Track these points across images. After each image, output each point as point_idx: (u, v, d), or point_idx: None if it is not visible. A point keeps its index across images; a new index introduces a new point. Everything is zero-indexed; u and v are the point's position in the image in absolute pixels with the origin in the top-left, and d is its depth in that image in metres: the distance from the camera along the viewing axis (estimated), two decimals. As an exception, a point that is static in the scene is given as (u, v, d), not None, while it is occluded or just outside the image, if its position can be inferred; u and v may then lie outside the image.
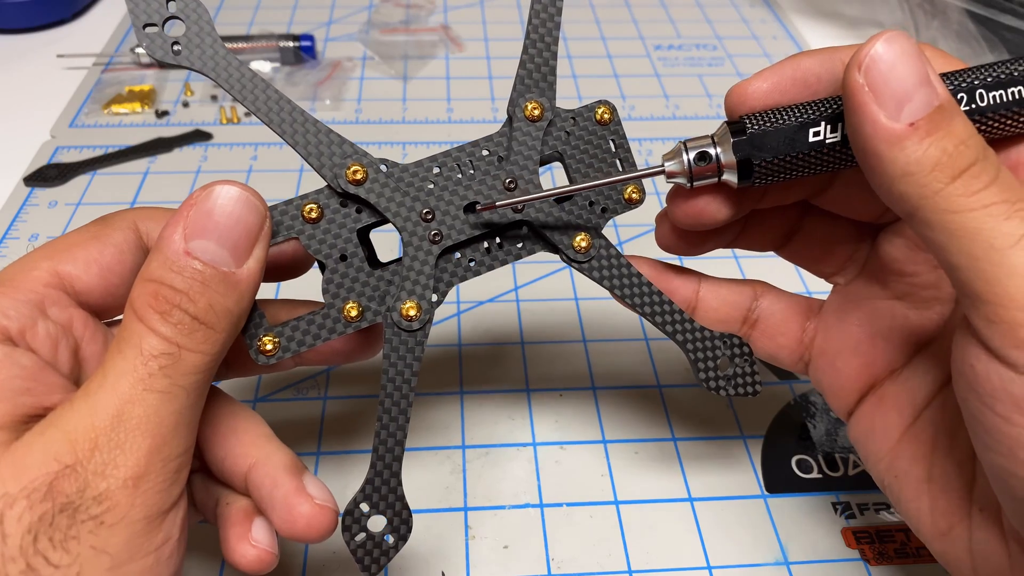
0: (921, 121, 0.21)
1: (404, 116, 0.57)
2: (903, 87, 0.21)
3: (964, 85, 0.23)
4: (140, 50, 0.59)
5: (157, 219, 0.26)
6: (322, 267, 0.26)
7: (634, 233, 0.48)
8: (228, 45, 0.25)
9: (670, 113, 0.58)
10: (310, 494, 0.24)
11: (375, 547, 0.26)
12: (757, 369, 0.29)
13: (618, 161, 0.28)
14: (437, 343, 0.41)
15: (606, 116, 0.28)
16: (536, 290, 0.44)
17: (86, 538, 0.20)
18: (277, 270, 0.29)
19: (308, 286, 0.30)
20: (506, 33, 0.67)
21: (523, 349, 0.40)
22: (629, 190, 0.28)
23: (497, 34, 0.67)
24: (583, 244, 0.28)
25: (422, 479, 0.35)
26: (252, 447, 0.25)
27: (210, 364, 0.22)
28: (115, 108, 0.56)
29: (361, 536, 0.25)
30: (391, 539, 0.26)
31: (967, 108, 0.23)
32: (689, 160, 0.25)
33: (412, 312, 0.26)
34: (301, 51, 0.60)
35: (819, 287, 0.44)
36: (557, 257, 0.28)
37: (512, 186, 0.27)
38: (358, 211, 0.26)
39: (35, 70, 0.60)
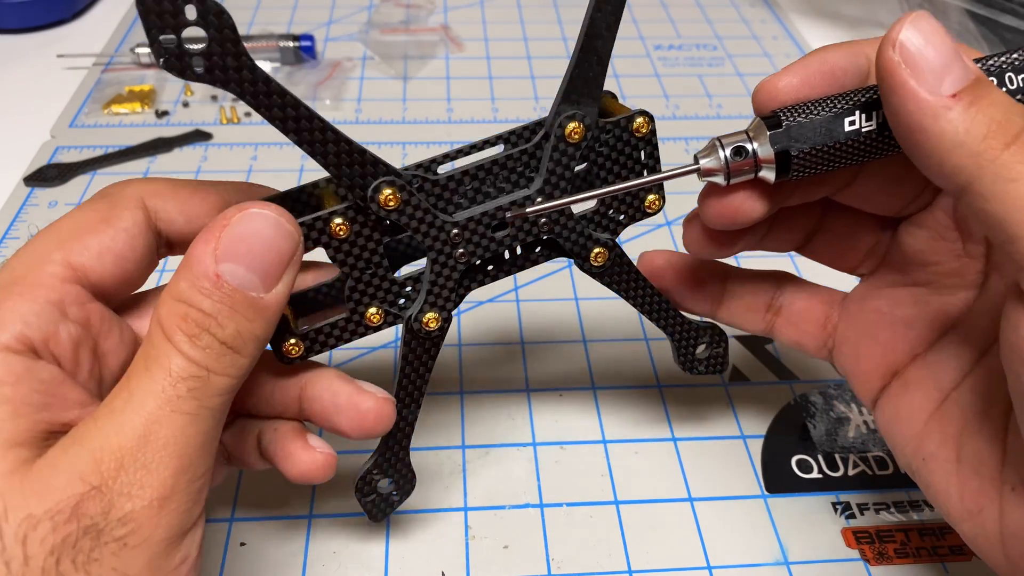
0: (963, 91, 0.20)
1: (404, 116, 0.57)
2: (940, 60, 0.21)
3: (993, 68, 0.23)
4: (140, 50, 0.59)
5: (165, 195, 0.25)
6: (345, 274, 0.26)
7: (641, 230, 0.48)
8: None
9: (670, 113, 0.58)
10: (370, 391, 0.27)
11: (382, 501, 0.31)
12: (727, 352, 0.33)
13: (646, 171, 0.28)
14: (437, 343, 0.41)
15: (643, 129, 0.27)
16: (536, 290, 0.44)
17: (108, 560, 0.20)
18: None
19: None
20: (506, 33, 0.67)
21: (523, 349, 0.40)
22: (651, 198, 0.28)
23: (497, 34, 0.67)
24: (599, 259, 0.28)
25: (422, 479, 0.34)
26: (300, 369, 0.27)
27: (235, 386, 0.22)
28: (115, 108, 0.56)
29: (372, 496, 0.30)
30: (396, 496, 0.31)
31: None
32: (726, 156, 0.24)
33: (433, 324, 0.27)
34: (301, 51, 0.60)
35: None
36: (557, 257, 0.29)
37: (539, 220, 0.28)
38: (385, 226, 0.26)
39: (35, 70, 0.60)
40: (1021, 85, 0.23)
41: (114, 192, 0.25)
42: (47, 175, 0.50)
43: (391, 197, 0.24)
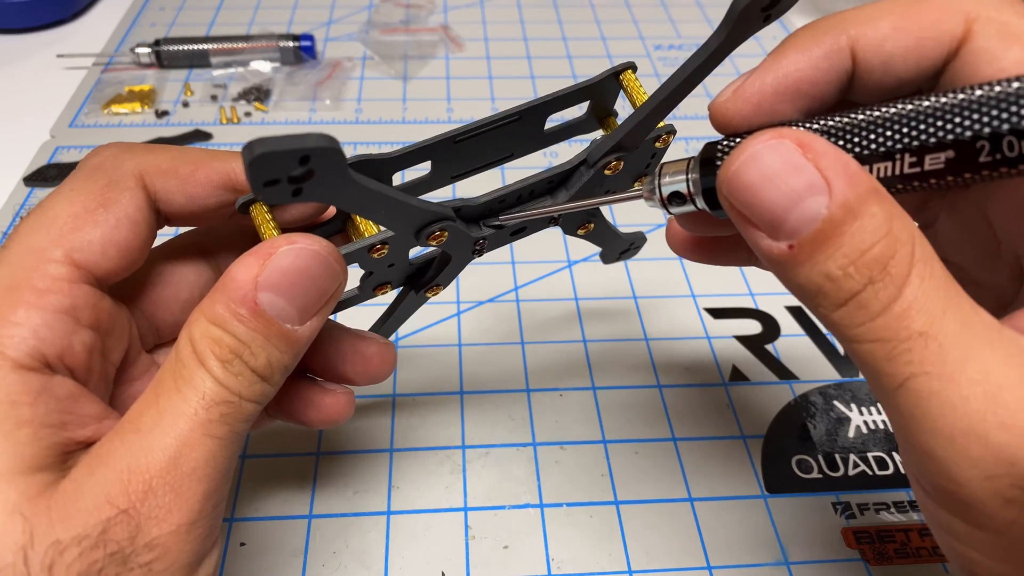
0: (800, 243, 0.18)
1: (404, 116, 0.57)
2: (770, 211, 0.18)
3: (883, 148, 0.20)
4: (140, 50, 0.59)
5: (165, 173, 0.24)
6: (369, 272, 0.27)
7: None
8: (227, 45, 0.24)
9: (670, 113, 0.58)
10: (370, 337, 0.28)
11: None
12: (636, 251, 0.36)
13: (646, 172, 0.29)
14: (437, 343, 0.41)
15: (664, 143, 0.28)
16: (536, 290, 0.44)
17: None
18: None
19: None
20: (506, 33, 0.67)
21: (523, 349, 0.40)
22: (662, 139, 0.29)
23: (497, 34, 0.67)
24: (584, 229, 0.31)
25: (422, 479, 0.35)
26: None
27: (259, 411, 0.22)
28: (115, 108, 0.56)
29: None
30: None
31: (886, 175, 0.20)
32: (661, 196, 0.23)
33: (435, 293, 0.30)
34: (301, 51, 0.60)
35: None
36: (557, 257, 0.29)
37: (558, 216, 0.29)
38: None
39: (35, 70, 0.60)
40: (912, 172, 0.20)
41: (109, 166, 0.23)
42: (47, 175, 0.50)
43: (439, 236, 0.26)
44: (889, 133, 0.20)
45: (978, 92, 0.19)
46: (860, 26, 0.21)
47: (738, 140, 0.21)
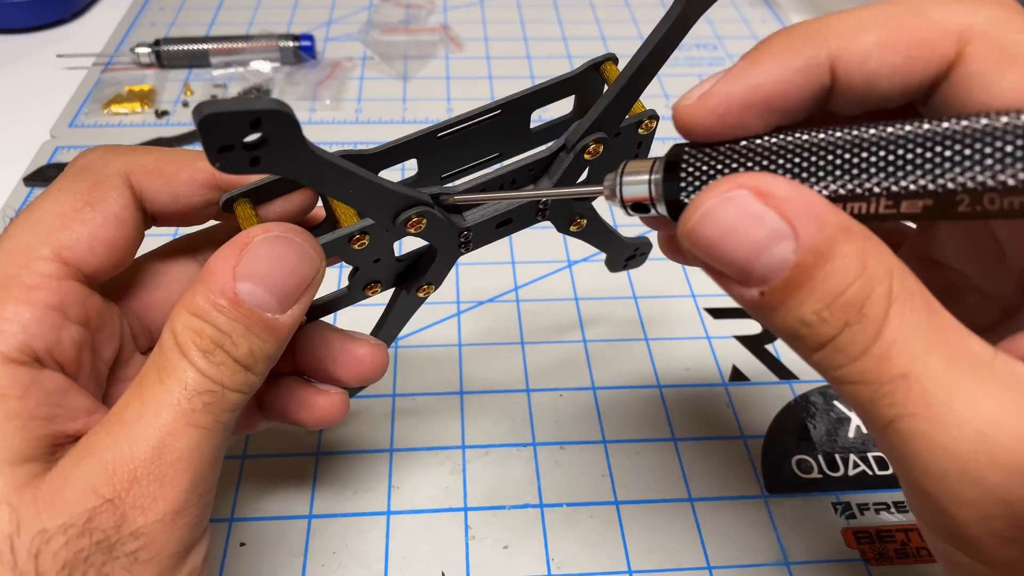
0: (774, 288, 0.17)
1: (404, 116, 0.57)
2: (735, 263, 0.18)
3: (858, 191, 0.18)
4: (140, 50, 0.59)
5: (151, 172, 0.24)
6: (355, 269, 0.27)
7: (643, 230, 0.48)
8: (227, 45, 0.24)
9: (670, 113, 0.58)
10: (361, 338, 0.28)
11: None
12: (643, 259, 0.36)
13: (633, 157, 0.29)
14: (437, 343, 0.41)
15: (647, 129, 0.28)
16: (536, 290, 0.44)
17: (119, 575, 0.20)
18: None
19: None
20: (506, 33, 0.67)
21: (523, 349, 0.40)
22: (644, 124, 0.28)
23: (497, 34, 0.67)
24: (577, 226, 0.30)
25: (422, 479, 0.35)
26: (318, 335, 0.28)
27: (245, 401, 0.22)
28: (115, 108, 0.56)
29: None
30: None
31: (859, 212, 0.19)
32: (621, 196, 0.22)
33: (427, 293, 0.29)
34: (301, 51, 0.60)
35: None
36: (557, 257, 0.29)
37: (544, 207, 0.28)
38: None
39: (35, 70, 0.60)
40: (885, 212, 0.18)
41: (95, 167, 0.24)
42: (47, 175, 0.50)
43: (417, 223, 0.25)
44: (865, 176, 0.18)
45: (963, 123, 0.17)
46: (842, 39, 0.19)
47: (706, 149, 0.20)
